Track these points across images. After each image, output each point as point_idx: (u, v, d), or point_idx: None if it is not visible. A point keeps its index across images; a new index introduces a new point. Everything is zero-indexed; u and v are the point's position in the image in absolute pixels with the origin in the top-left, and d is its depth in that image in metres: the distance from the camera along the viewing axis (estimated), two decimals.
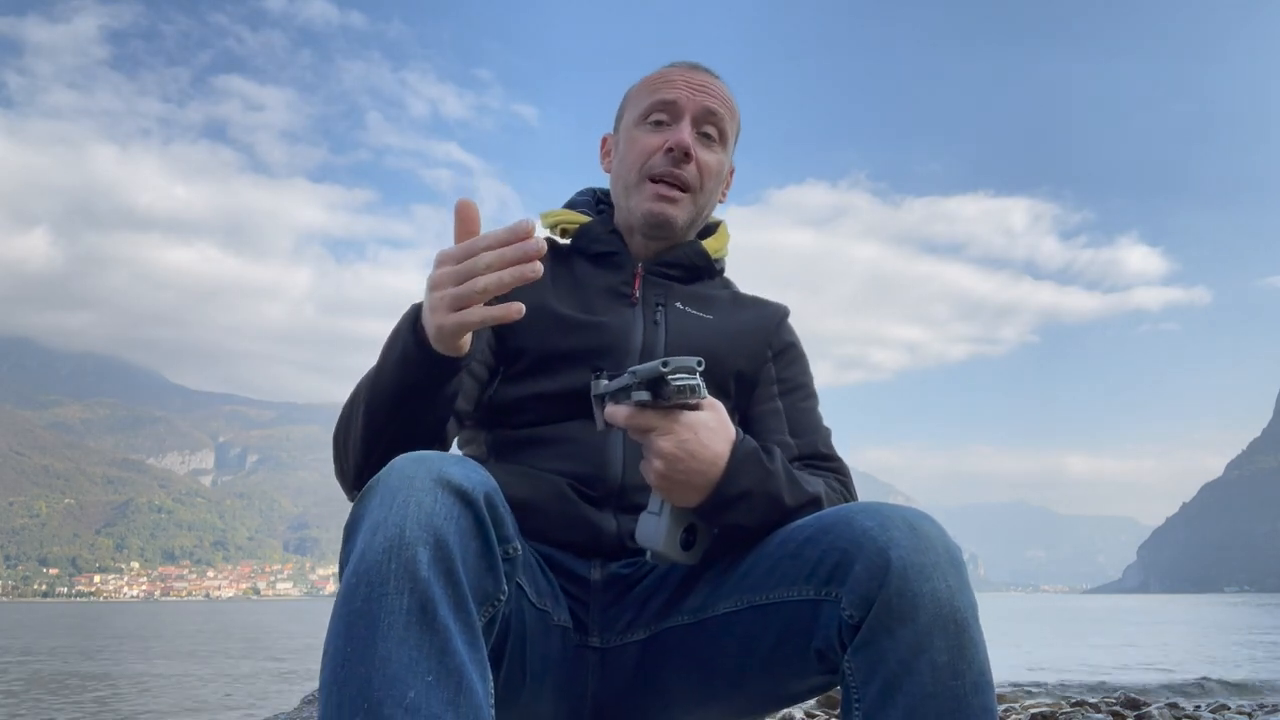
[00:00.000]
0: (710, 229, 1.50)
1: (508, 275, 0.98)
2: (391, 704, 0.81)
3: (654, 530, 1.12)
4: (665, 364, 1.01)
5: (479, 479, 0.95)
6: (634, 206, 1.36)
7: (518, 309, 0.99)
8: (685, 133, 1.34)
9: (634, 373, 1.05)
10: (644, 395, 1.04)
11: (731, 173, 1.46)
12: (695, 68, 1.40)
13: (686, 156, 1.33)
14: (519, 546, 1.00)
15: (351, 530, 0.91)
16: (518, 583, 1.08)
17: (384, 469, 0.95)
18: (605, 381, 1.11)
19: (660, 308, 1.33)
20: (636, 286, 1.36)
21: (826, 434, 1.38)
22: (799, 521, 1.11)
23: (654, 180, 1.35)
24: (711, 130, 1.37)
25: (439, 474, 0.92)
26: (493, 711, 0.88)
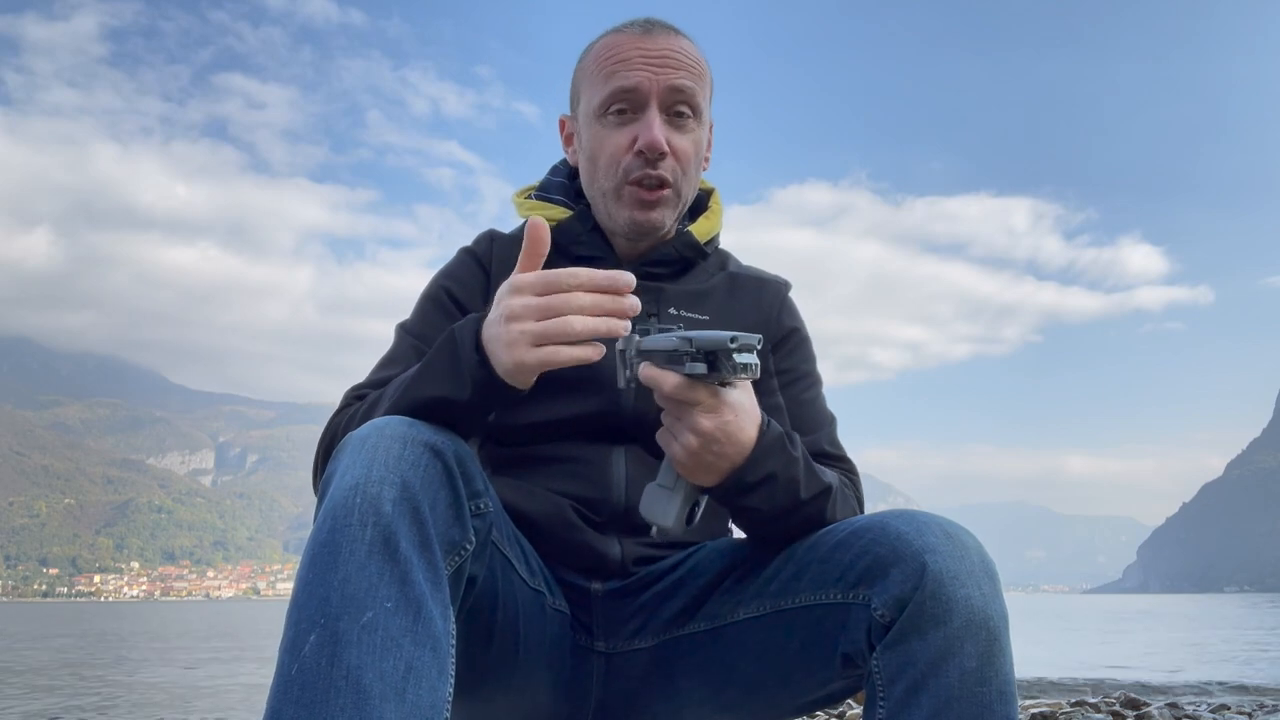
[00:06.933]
0: (701, 203, 1.41)
1: (603, 326, 0.95)
2: (349, 620, 0.82)
3: (665, 506, 1.08)
4: (734, 339, 0.95)
5: (450, 440, 0.96)
6: (615, 214, 1.27)
7: (598, 350, 0.95)
8: (655, 128, 1.22)
9: (688, 339, 0.98)
10: (700, 368, 0.98)
11: (711, 129, 1.35)
12: (650, 31, 1.26)
13: (661, 155, 1.23)
14: (490, 504, 1.00)
15: (325, 484, 0.93)
16: (505, 556, 1.07)
17: (355, 430, 0.96)
18: (637, 337, 1.04)
19: (653, 317, 1.23)
20: None
21: (831, 429, 1.33)
22: (827, 528, 1.10)
23: (630, 184, 1.24)
24: (683, 108, 1.25)
25: (410, 431, 0.94)
26: (453, 649, 0.89)
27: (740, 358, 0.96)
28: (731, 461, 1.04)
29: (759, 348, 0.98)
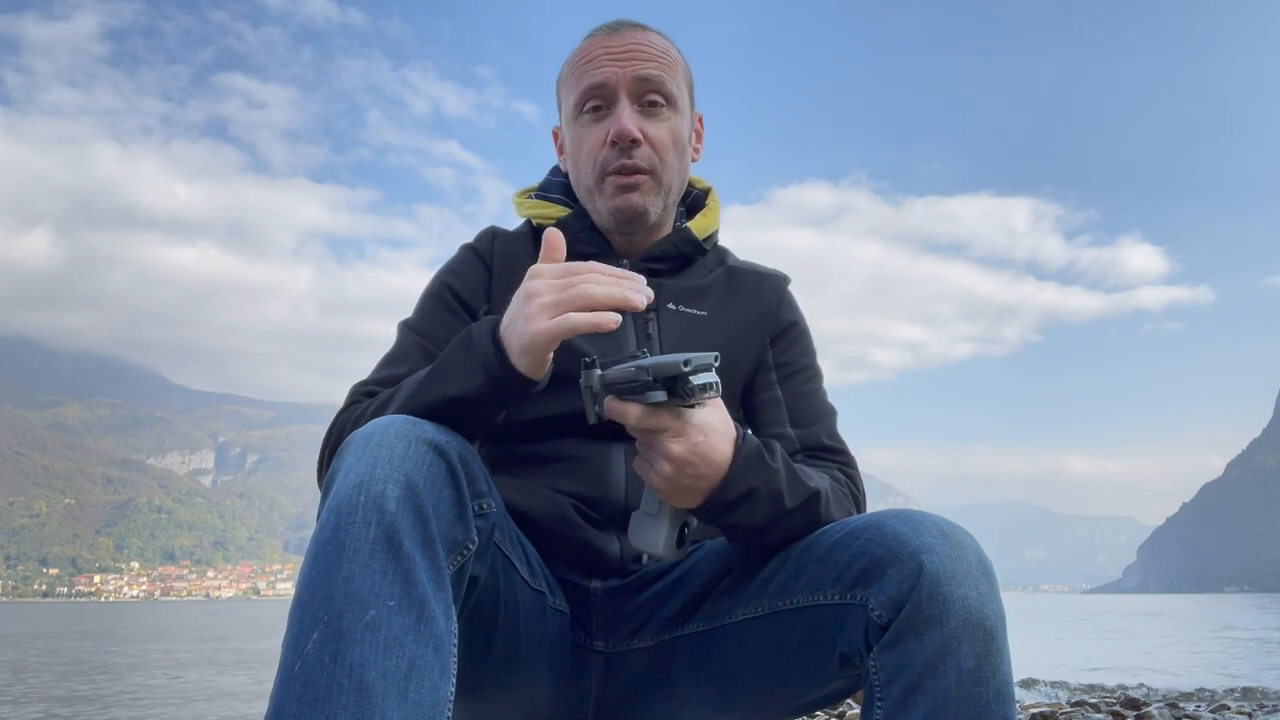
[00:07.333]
0: (699, 201, 1.42)
1: (618, 292, 0.97)
2: (352, 618, 0.82)
3: (653, 533, 1.08)
4: (686, 362, 0.95)
5: (454, 439, 0.97)
6: (600, 208, 1.29)
7: (613, 319, 0.96)
8: (625, 117, 1.24)
9: (644, 368, 0.98)
10: (660, 396, 0.98)
11: (700, 121, 1.38)
12: (617, 29, 1.28)
13: (634, 143, 1.24)
14: (494, 505, 1.00)
15: (329, 482, 0.92)
16: (507, 556, 1.07)
17: (360, 428, 0.96)
18: (599, 372, 1.04)
19: (652, 312, 1.26)
20: None
21: (831, 422, 1.33)
22: (824, 528, 1.09)
23: (609, 175, 1.26)
24: (655, 97, 1.26)
25: (414, 430, 0.94)
26: (455, 649, 0.89)
27: (697, 379, 0.96)
28: (709, 481, 1.04)
29: (716, 364, 0.98)
